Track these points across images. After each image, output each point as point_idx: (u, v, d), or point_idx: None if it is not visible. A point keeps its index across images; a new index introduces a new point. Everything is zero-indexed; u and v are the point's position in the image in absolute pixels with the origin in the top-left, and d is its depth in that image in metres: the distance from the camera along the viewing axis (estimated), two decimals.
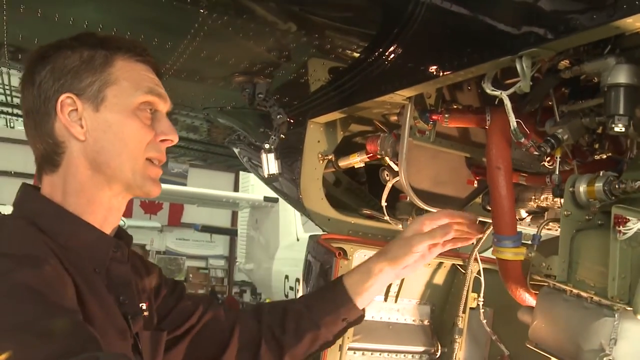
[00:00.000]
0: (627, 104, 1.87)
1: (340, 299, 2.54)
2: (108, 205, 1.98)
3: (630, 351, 1.89)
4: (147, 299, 2.16)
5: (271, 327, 2.50)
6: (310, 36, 2.69)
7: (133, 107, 1.94)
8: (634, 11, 1.55)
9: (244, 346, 2.46)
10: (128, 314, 1.93)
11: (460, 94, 2.83)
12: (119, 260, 1.99)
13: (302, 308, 2.56)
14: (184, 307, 2.37)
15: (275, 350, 2.48)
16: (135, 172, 1.95)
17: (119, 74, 1.95)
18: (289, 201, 4.17)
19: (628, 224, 1.82)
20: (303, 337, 2.49)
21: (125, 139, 1.93)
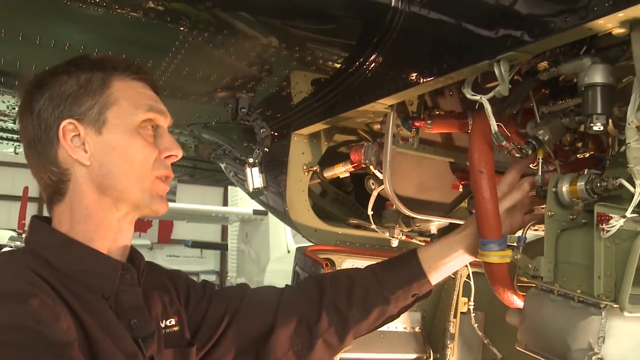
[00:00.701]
0: (605, 102, 1.89)
1: (413, 273, 2.45)
2: (117, 227, 1.96)
3: (619, 348, 1.89)
4: (175, 313, 2.15)
5: (335, 302, 2.41)
6: (290, 49, 2.70)
7: (135, 126, 1.93)
8: (605, 12, 1.58)
9: (296, 324, 2.37)
10: (139, 338, 1.89)
11: (442, 99, 2.86)
12: (128, 283, 1.96)
13: (372, 281, 2.46)
14: (217, 307, 2.31)
15: (339, 325, 2.39)
16: (144, 191, 1.94)
17: (118, 94, 1.94)
18: (276, 214, 4.17)
19: (611, 222, 1.84)
20: (370, 312, 2.41)
21: (130, 160, 1.92)
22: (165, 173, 2.00)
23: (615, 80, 1.90)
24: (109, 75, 1.96)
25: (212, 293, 2.36)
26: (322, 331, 2.37)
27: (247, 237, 18.34)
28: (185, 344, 2.14)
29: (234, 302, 2.36)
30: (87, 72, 1.95)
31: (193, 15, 2.48)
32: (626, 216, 1.82)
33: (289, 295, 2.46)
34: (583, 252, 1.97)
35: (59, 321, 1.64)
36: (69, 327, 1.66)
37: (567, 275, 2.04)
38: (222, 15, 2.53)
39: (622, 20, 1.62)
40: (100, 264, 1.91)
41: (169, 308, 2.13)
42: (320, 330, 2.37)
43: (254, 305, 2.39)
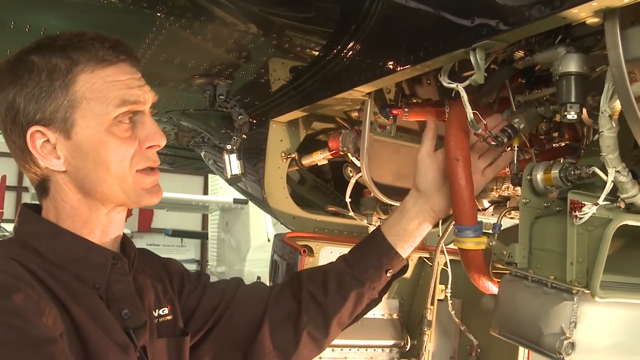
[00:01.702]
0: (578, 92, 1.90)
1: (380, 249, 2.42)
2: (106, 221, 1.93)
3: (590, 333, 1.93)
4: (169, 302, 2.13)
5: (312, 294, 2.39)
6: (268, 36, 2.71)
7: (106, 125, 1.81)
8: (578, 2, 1.59)
9: (282, 320, 2.36)
10: (130, 328, 1.87)
11: (420, 88, 2.87)
12: (119, 273, 1.92)
13: (343, 266, 2.44)
14: (210, 299, 2.31)
15: (319, 317, 2.37)
16: (126, 190, 1.87)
17: (84, 90, 1.79)
18: (254, 201, 4.18)
19: (584, 209, 1.86)
20: (347, 297, 2.38)
21: (105, 163, 1.82)
22: (148, 165, 1.90)
23: (589, 69, 1.92)
24: (73, 68, 1.80)
25: (206, 284, 2.35)
26: (304, 325, 2.37)
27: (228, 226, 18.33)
28: (179, 334, 2.13)
29: (227, 296, 2.35)
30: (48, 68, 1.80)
31: (170, 1, 2.47)
32: (598, 204, 1.84)
33: (276, 292, 2.46)
34: (556, 239, 2.00)
35: (42, 316, 1.61)
36: (54, 321, 1.64)
37: (541, 261, 2.06)
38: (199, 1, 2.53)
39: (595, 10, 1.63)
40: (91, 253, 1.88)
41: (162, 297, 2.12)
42: (302, 325, 2.37)
43: (246, 300, 2.39)
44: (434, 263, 3.40)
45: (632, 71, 1.76)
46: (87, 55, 1.82)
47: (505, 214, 2.46)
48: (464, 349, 3.69)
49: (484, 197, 2.80)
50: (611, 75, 1.74)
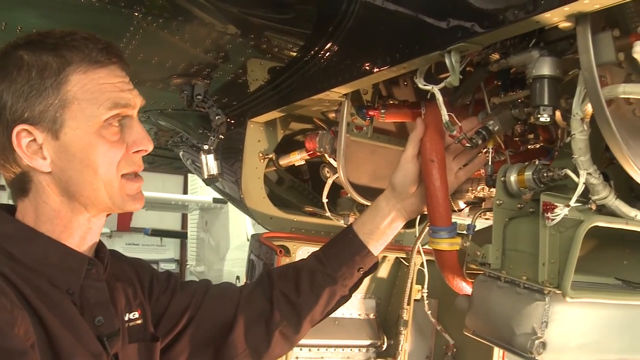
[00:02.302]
0: (551, 94, 1.93)
1: (353, 247, 2.45)
2: (86, 227, 1.89)
3: (561, 332, 1.95)
4: (139, 306, 2.10)
5: (284, 292, 2.40)
6: (246, 37, 2.71)
7: (96, 127, 1.79)
8: (551, 6, 1.62)
9: (254, 320, 2.36)
10: (103, 336, 1.84)
11: (397, 89, 2.88)
12: (94, 278, 1.89)
13: (315, 263, 2.46)
14: (180, 301, 2.28)
15: (292, 315, 2.38)
16: (112, 195, 1.85)
17: (75, 91, 1.77)
18: (232, 201, 4.18)
19: (556, 210, 1.88)
20: (320, 295, 2.39)
21: (92, 166, 1.79)
22: (133, 169, 1.89)
23: (562, 72, 1.95)
24: (66, 67, 1.77)
25: (175, 285, 2.33)
26: (276, 324, 2.37)
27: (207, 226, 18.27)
28: (149, 338, 2.11)
29: (197, 298, 2.34)
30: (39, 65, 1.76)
31: (148, 1, 2.47)
32: (570, 205, 1.87)
33: (247, 292, 2.45)
34: (529, 240, 2.02)
35: (15, 327, 1.57)
36: (26, 331, 1.61)
37: (514, 262, 2.09)
38: (176, 1, 2.53)
39: (567, 14, 1.66)
40: (66, 258, 1.84)
41: (133, 301, 2.09)
42: (275, 324, 2.37)
43: (216, 301, 2.37)
44: (410, 263, 3.42)
45: (603, 75, 1.79)
46: (80, 55, 1.79)
47: (480, 215, 2.48)
48: (440, 349, 3.72)
49: (459, 198, 2.83)
50: (583, 79, 1.77)
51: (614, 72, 1.83)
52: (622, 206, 1.95)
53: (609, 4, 1.55)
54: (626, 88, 1.71)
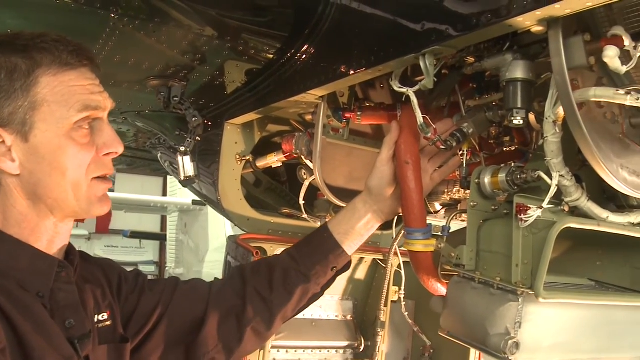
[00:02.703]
0: (524, 98, 1.95)
1: (327, 246, 2.45)
2: (54, 230, 1.88)
3: (534, 332, 1.97)
4: (108, 307, 2.08)
5: (257, 288, 2.40)
6: (222, 39, 2.71)
7: (66, 130, 1.78)
8: (524, 11, 1.64)
9: (225, 315, 2.35)
10: (74, 338, 1.83)
11: (373, 91, 2.89)
12: (64, 281, 1.88)
13: (289, 261, 2.46)
14: (149, 300, 2.27)
15: (264, 312, 2.38)
16: (79, 199, 1.83)
17: (45, 93, 1.76)
18: (209, 203, 4.18)
19: (529, 212, 1.90)
20: (293, 292, 2.40)
21: (62, 168, 1.78)
22: (103, 172, 1.88)
23: (535, 76, 1.97)
24: (36, 69, 1.76)
25: (144, 284, 2.31)
26: (249, 320, 2.37)
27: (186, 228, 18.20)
28: (119, 340, 2.10)
29: (166, 296, 2.32)
30: (8, 67, 1.75)
31: (124, 2, 2.46)
32: (543, 207, 1.89)
33: (217, 288, 2.44)
34: (503, 242, 2.04)
35: None
36: None
37: (488, 263, 2.10)
38: (153, 2, 2.53)
39: (539, 19, 1.68)
40: (36, 260, 1.82)
41: (102, 302, 2.07)
42: (247, 320, 2.37)
43: (186, 298, 2.36)
44: (387, 265, 3.43)
45: (575, 78, 1.82)
46: (50, 57, 1.78)
47: (455, 216, 2.50)
48: (417, 350, 3.74)
49: (435, 200, 2.84)
50: (555, 82, 1.79)
51: (585, 76, 1.86)
52: (594, 208, 1.97)
53: (579, 9, 1.57)
54: (597, 91, 1.74)
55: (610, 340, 2.21)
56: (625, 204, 2.12)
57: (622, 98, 1.69)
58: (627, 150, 1.93)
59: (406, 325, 3.60)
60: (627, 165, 1.90)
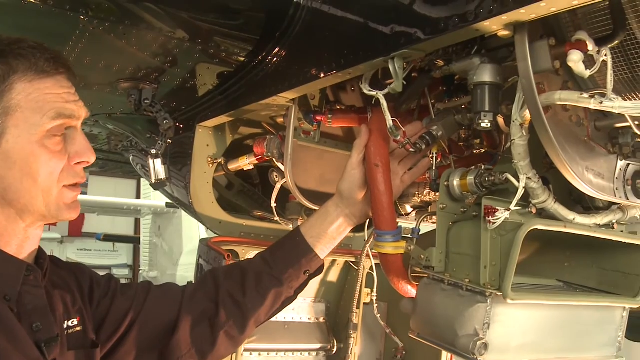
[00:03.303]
0: (492, 101, 1.97)
1: (300, 249, 2.46)
2: (23, 235, 1.87)
3: (502, 333, 1.99)
4: (78, 312, 2.06)
5: (230, 292, 2.39)
6: (193, 41, 2.71)
7: (39, 137, 1.77)
8: (491, 15, 1.66)
9: (198, 319, 2.33)
10: (42, 342, 1.81)
11: (344, 94, 2.91)
12: (32, 285, 1.86)
13: (262, 265, 2.46)
14: (121, 304, 2.25)
15: (237, 316, 2.37)
16: (49, 204, 1.82)
17: (20, 99, 1.75)
18: (181, 206, 4.16)
19: (497, 214, 1.92)
20: (266, 296, 2.40)
21: (33, 174, 1.77)
22: (75, 181, 1.88)
23: (502, 79, 1.99)
24: (11, 75, 1.75)
25: (116, 289, 2.29)
26: (222, 324, 2.36)
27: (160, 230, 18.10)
28: (89, 345, 2.08)
29: (138, 300, 2.30)
30: None
31: (93, 4, 2.45)
32: (510, 209, 1.91)
33: (190, 292, 2.43)
34: (472, 243, 2.06)
35: None
36: None
37: (457, 265, 2.12)
38: (123, 5, 2.52)
39: (505, 23, 1.70)
40: (3, 264, 1.81)
41: (71, 307, 2.05)
42: (220, 324, 2.36)
43: (158, 303, 2.35)
44: (359, 267, 3.44)
45: (541, 82, 1.84)
46: (26, 64, 1.78)
47: (425, 218, 2.51)
48: (390, 352, 3.76)
49: (406, 202, 2.86)
50: (521, 86, 1.81)
51: (551, 80, 1.89)
52: (561, 209, 2.00)
53: (544, 13, 1.60)
54: (562, 95, 1.77)
55: (578, 339, 2.24)
56: (592, 206, 2.15)
57: (586, 101, 1.72)
58: (592, 153, 1.95)
59: (379, 327, 3.62)
60: (592, 168, 1.93)
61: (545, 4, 1.53)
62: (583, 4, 1.54)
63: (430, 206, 2.88)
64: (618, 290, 2.24)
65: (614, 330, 2.31)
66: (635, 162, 2.05)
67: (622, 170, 2.03)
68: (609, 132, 2.02)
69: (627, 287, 2.23)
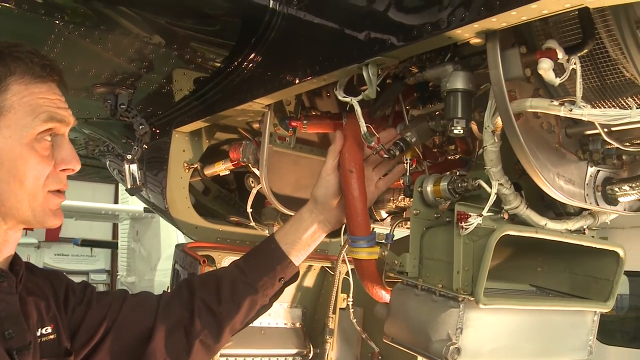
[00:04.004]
0: (464, 107, 1.99)
1: (274, 257, 2.45)
2: (3, 239, 1.87)
3: (475, 338, 2.01)
4: (52, 320, 2.04)
5: (205, 301, 2.37)
6: (169, 47, 2.71)
7: (30, 138, 1.78)
8: (463, 23, 1.68)
9: (173, 328, 2.32)
10: (13, 349, 1.79)
11: (319, 100, 2.92)
12: (5, 292, 1.85)
13: (237, 273, 2.45)
14: (96, 312, 2.22)
15: (213, 324, 2.36)
16: (34, 209, 1.82)
17: (14, 100, 1.77)
18: (157, 211, 4.16)
19: (469, 220, 1.94)
20: (241, 304, 2.39)
21: (20, 177, 1.78)
22: (59, 187, 1.88)
23: (474, 86, 2.01)
24: (8, 77, 1.78)
25: (92, 297, 2.27)
26: (197, 333, 2.35)
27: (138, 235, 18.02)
28: (62, 353, 2.06)
29: (113, 308, 2.28)
30: None
31: (68, 9, 2.45)
32: (483, 215, 1.93)
33: (165, 301, 2.41)
34: (445, 249, 2.08)
35: None
36: None
37: (430, 270, 2.14)
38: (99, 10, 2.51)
39: (477, 31, 1.73)
40: None
41: (45, 315, 2.03)
42: (195, 333, 2.35)
43: (134, 311, 2.33)
44: (335, 272, 3.45)
45: (513, 89, 1.87)
46: (23, 67, 1.80)
47: (399, 224, 2.53)
48: (366, 357, 3.76)
49: (381, 207, 2.87)
50: (493, 93, 1.83)
51: (522, 87, 1.91)
52: (533, 215, 2.02)
53: (514, 22, 1.62)
54: (533, 102, 1.79)
55: (550, 343, 2.26)
56: (563, 212, 2.18)
57: (556, 109, 1.74)
58: (563, 160, 1.98)
59: (355, 332, 3.62)
60: (563, 174, 1.96)
61: (516, 13, 1.56)
62: (553, 13, 1.56)
63: (405, 212, 2.90)
64: (589, 295, 2.27)
65: (585, 334, 2.33)
66: (605, 168, 2.09)
67: (593, 176, 2.06)
68: (579, 139, 2.05)
69: (598, 291, 2.25)
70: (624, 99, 1.89)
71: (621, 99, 1.90)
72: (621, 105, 1.90)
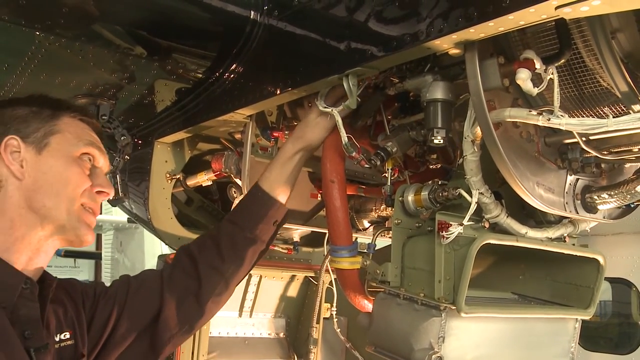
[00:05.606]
0: (444, 117, 2.01)
1: (265, 204, 2.49)
2: (36, 246, 1.96)
3: (457, 346, 2.02)
4: (69, 326, 2.12)
5: (209, 263, 2.44)
6: (150, 58, 2.71)
7: (74, 156, 2.01)
8: (441, 34, 1.70)
9: (182, 298, 2.40)
10: (31, 348, 1.88)
11: (302, 110, 2.92)
12: (27, 298, 1.94)
13: (232, 227, 2.50)
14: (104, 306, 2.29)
15: (221, 282, 2.44)
16: (71, 213, 1.96)
17: (64, 126, 2.03)
18: (140, 222, 4.14)
19: (450, 229, 1.95)
20: (244, 257, 2.46)
21: (63, 181, 1.96)
22: (91, 204, 2.04)
23: (454, 96, 2.02)
24: (60, 111, 2.05)
25: (100, 293, 2.33)
26: (207, 295, 2.42)
27: (122, 246, 17.91)
28: (79, 358, 2.13)
29: (120, 296, 2.35)
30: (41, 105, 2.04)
31: (49, 21, 2.44)
32: (463, 224, 1.94)
33: (168, 274, 2.46)
34: (426, 258, 2.09)
35: None
36: None
37: (412, 279, 2.15)
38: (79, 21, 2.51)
39: (456, 42, 1.74)
40: (5, 274, 1.89)
41: (63, 321, 2.11)
42: (205, 295, 2.41)
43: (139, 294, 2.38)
44: (319, 282, 3.45)
45: (492, 99, 1.88)
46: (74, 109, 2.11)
47: (381, 233, 2.53)
48: None
49: (363, 217, 2.88)
50: (472, 103, 1.84)
51: (501, 97, 1.93)
52: (514, 224, 2.04)
53: (492, 33, 1.64)
54: (512, 112, 1.80)
55: (532, 351, 2.27)
56: (543, 220, 2.20)
57: (535, 118, 1.76)
58: (542, 168, 2.00)
59: (339, 341, 3.63)
60: (542, 183, 1.97)
61: (494, 24, 1.57)
62: (530, 24, 1.58)
63: (387, 221, 2.91)
64: (570, 302, 2.29)
65: (567, 341, 2.35)
66: (584, 176, 2.10)
67: (572, 184, 2.08)
68: (558, 148, 2.06)
69: (579, 298, 2.27)
70: (601, 108, 1.91)
71: (598, 108, 1.91)
72: (598, 114, 1.92)
